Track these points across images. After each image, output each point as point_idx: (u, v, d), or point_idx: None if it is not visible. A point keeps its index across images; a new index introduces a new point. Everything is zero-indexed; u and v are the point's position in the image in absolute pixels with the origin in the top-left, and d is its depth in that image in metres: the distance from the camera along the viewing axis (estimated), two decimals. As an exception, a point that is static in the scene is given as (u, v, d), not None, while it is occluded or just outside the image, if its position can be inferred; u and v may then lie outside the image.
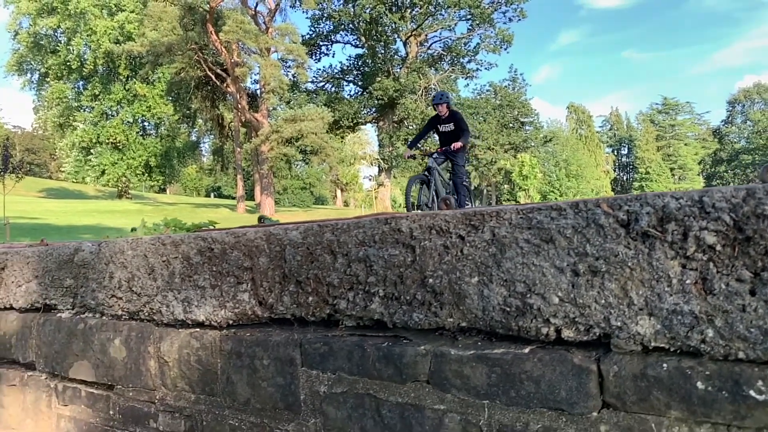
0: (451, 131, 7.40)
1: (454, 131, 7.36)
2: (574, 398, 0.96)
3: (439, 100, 7.38)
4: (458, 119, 7.42)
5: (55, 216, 26.23)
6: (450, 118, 7.36)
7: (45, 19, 44.46)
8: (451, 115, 7.37)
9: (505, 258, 1.03)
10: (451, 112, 7.39)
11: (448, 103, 7.39)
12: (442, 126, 7.46)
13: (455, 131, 7.35)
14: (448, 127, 7.40)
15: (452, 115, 7.40)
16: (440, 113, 7.34)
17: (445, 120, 7.39)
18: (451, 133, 7.41)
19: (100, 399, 1.78)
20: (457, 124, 7.36)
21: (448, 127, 7.40)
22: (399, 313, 1.16)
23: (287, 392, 1.32)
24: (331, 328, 1.32)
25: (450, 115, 7.36)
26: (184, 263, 1.53)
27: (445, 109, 7.32)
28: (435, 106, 7.43)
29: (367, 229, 1.21)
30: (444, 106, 7.30)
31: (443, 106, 7.30)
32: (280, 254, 1.34)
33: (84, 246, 1.83)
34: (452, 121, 7.37)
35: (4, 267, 2.11)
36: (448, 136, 7.46)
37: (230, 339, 1.43)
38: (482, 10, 33.93)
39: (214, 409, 1.48)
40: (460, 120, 7.49)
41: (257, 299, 1.40)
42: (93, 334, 1.77)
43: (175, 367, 1.54)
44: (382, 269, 1.18)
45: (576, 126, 64.17)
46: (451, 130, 7.40)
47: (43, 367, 1.95)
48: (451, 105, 7.49)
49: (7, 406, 2.10)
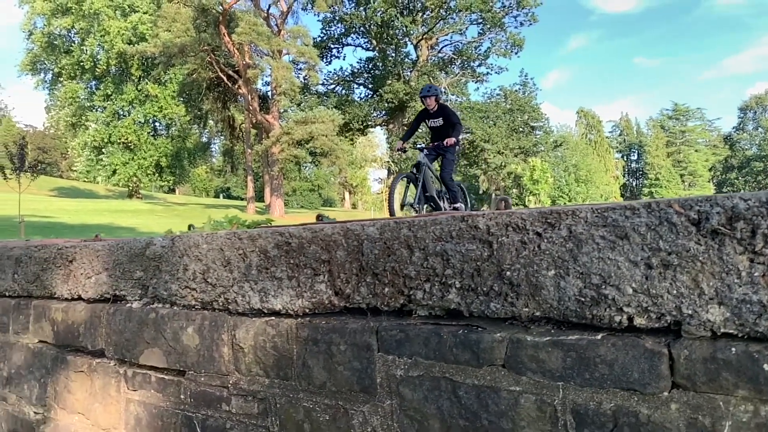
0: (441, 126, 7.11)
1: (444, 126, 7.07)
2: (646, 379, 1.07)
3: (427, 93, 7.03)
4: (447, 113, 7.14)
5: (68, 215, 26.49)
6: (439, 112, 7.06)
7: (59, 20, 44.94)
8: (440, 109, 7.06)
9: (582, 253, 1.13)
10: (440, 106, 7.08)
11: (436, 96, 7.04)
12: (431, 120, 7.17)
13: (445, 126, 7.06)
14: (437, 122, 7.11)
15: (441, 109, 7.09)
16: (428, 107, 7.02)
17: (433, 114, 7.09)
18: (440, 128, 7.13)
19: (170, 384, 1.89)
20: (446, 118, 7.06)
21: (437, 122, 7.11)
22: (476, 303, 1.27)
23: (364, 375, 1.43)
24: (403, 317, 1.43)
25: (439, 109, 7.06)
26: (261, 256, 1.64)
27: (434, 102, 6.98)
28: (422, 99, 7.08)
29: (444, 226, 1.32)
30: (432, 99, 6.96)
31: (431, 99, 6.96)
32: (357, 248, 1.46)
33: (155, 240, 1.95)
34: (441, 116, 7.07)
35: (72, 259, 2.23)
36: (438, 131, 7.17)
37: (306, 326, 1.55)
38: (493, 15, 34.07)
39: (288, 392, 1.59)
40: (450, 114, 7.20)
41: (334, 289, 1.51)
42: (165, 323, 1.88)
43: (250, 353, 1.66)
44: (459, 263, 1.29)
45: (585, 131, 64.10)
46: (440, 125, 7.11)
47: (113, 354, 2.07)
48: (440, 98, 7.16)
49: (74, 391, 2.22)
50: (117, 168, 46.52)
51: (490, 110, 33.60)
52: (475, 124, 32.59)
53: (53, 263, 2.33)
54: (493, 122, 32.88)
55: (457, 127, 6.99)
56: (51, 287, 2.34)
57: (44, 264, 2.37)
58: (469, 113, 33.57)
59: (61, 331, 2.29)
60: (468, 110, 34.16)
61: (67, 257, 2.25)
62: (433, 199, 7.00)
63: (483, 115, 33.43)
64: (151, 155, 46.72)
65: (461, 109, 35.06)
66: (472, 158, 34.87)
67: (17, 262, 2.51)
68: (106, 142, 46.90)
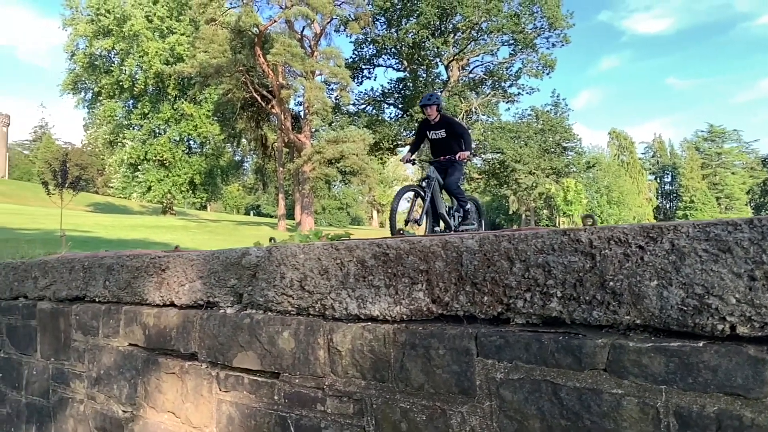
0: (443, 139, 6.46)
1: (447, 138, 6.43)
2: (749, 384, 1.15)
3: (428, 101, 6.39)
4: (451, 124, 6.54)
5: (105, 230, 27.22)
6: (441, 123, 6.43)
7: (101, 41, 46.65)
8: (442, 120, 6.44)
9: (684, 265, 1.23)
10: (442, 117, 6.44)
11: (438, 105, 6.40)
12: (432, 132, 6.52)
13: (447, 138, 6.43)
14: (440, 134, 6.46)
15: (443, 119, 6.46)
16: (429, 116, 6.40)
17: (435, 125, 6.46)
18: (442, 141, 6.48)
19: (264, 386, 2.02)
20: (450, 129, 6.44)
21: (440, 134, 6.46)
22: (578, 311, 1.37)
23: (463, 378, 1.54)
24: (500, 325, 1.53)
25: (441, 120, 6.43)
26: (359, 265, 1.77)
27: (435, 112, 6.35)
28: (423, 108, 6.45)
29: (546, 239, 1.42)
30: (433, 109, 6.33)
31: (432, 108, 6.33)
32: (456, 259, 1.57)
33: (251, 251, 2.10)
34: (443, 127, 6.43)
35: (166, 268, 2.39)
36: (440, 145, 6.53)
37: (404, 332, 1.66)
38: (525, 36, 34.19)
39: (384, 394, 1.70)
40: (454, 124, 6.61)
41: (431, 297, 1.62)
42: (261, 327, 2.02)
43: (347, 356, 1.78)
44: (561, 273, 1.39)
45: (618, 152, 63.41)
46: (442, 138, 6.46)
47: (205, 357, 2.21)
48: (441, 108, 6.50)
49: (165, 391, 2.37)
50: (152, 185, 47.72)
51: (521, 130, 33.57)
52: (506, 144, 32.57)
53: (145, 271, 2.49)
54: (524, 142, 32.82)
55: (465, 138, 6.41)
56: (142, 294, 2.50)
57: (136, 272, 2.54)
58: (500, 133, 33.58)
59: (152, 335, 2.44)
60: (499, 130, 34.18)
61: (160, 266, 2.42)
62: (443, 218, 6.43)
63: (514, 135, 33.42)
64: (185, 172, 47.83)
65: (491, 129, 35.11)
66: (502, 178, 34.80)
67: (109, 270, 2.68)
68: (142, 159, 48.21)
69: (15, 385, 3.35)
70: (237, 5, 34.16)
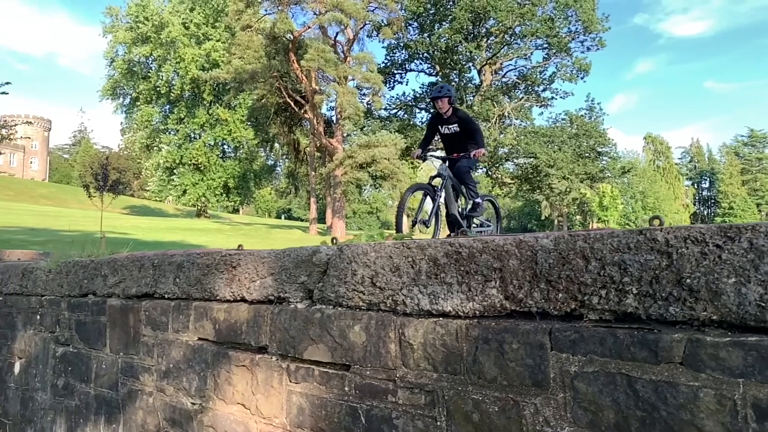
0: (456, 134, 6.11)
1: (460, 134, 6.09)
2: (829, 377, 1.19)
3: (438, 93, 6.03)
4: (465, 119, 6.16)
5: (142, 232, 27.97)
6: (454, 117, 6.06)
7: (139, 48, 47.99)
8: (454, 114, 6.07)
9: (763, 263, 1.28)
10: (454, 110, 6.08)
11: (450, 97, 6.00)
12: (445, 127, 6.16)
13: (461, 134, 6.08)
14: (453, 129, 6.10)
15: (456, 113, 6.09)
16: (440, 110, 6.06)
17: (447, 119, 6.08)
18: (455, 135, 6.13)
19: (334, 377, 2.12)
20: (463, 124, 6.08)
21: (453, 129, 6.10)
22: (654, 307, 1.43)
23: (536, 371, 1.60)
24: (572, 321, 1.60)
25: (453, 114, 6.06)
26: (431, 263, 1.86)
27: (447, 104, 5.99)
28: (434, 101, 6.12)
29: (621, 239, 1.48)
30: (445, 101, 5.97)
31: (443, 100, 5.97)
32: (531, 258, 1.64)
33: (321, 249, 2.21)
34: (457, 122, 6.06)
35: (237, 265, 2.52)
36: (453, 140, 6.17)
37: (477, 327, 1.74)
38: (560, 39, 33.94)
39: (456, 386, 1.78)
40: (468, 120, 6.22)
41: (504, 294, 1.70)
42: (331, 321, 2.12)
43: (419, 350, 1.86)
44: (637, 271, 1.45)
45: (653, 157, 62.20)
46: (455, 132, 6.11)
47: (276, 350, 2.33)
48: (453, 100, 6.10)
49: (235, 383, 2.49)
50: (187, 188, 48.74)
51: (555, 135, 33.27)
52: (539, 149, 32.32)
53: (215, 268, 2.62)
54: (558, 147, 32.51)
55: (479, 135, 6.07)
56: (212, 290, 2.64)
57: (206, 269, 2.68)
58: (534, 138, 33.35)
59: (222, 329, 2.57)
60: (532, 135, 33.95)
61: (231, 263, 2.54)
62: (456, 220, 6.09)
63: (548, 139, 33.13)
64: (219, 176, 48.74)
65: (524, 134, 34.88)
66: (535, 183, 34.52)
67: (179, 268, 2.83)
68: (177, 163, 49.33)
69: (84, 378, 3.53)
70: (272, 12, 34.77)
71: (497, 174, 37.06)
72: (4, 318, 4.43)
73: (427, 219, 5.85)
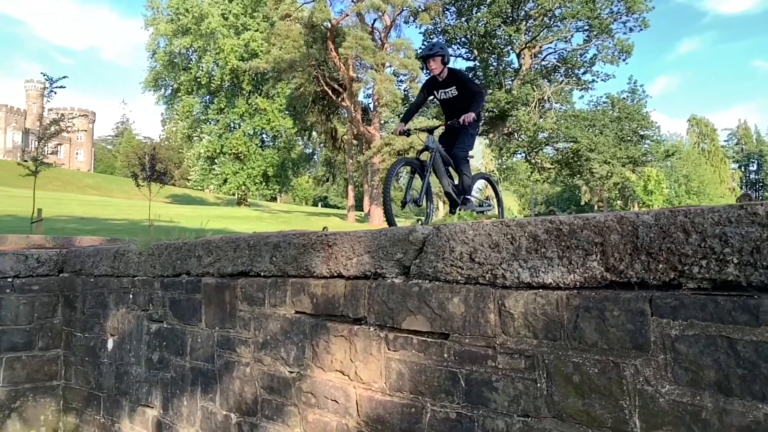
0: (454, 98, 5.38)
1: (459, 97, 5.35)
2: None
3: (428, 52, 5.30)
4: (462, 79, 5.47)
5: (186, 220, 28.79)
6: (450, 79, 5.34)
7: (180, 39, 48.90)
8: (450, 76, 5.35)
9: None
10: (450, 71, 5.36)
11: (443, 57, 5.24)
12: (441, 92, 5.42)
13: (460, 97, 5.34)
14: (450, 93, 5.38)
15: (452, 74, 5.38)
16: (433, 71, 5.33)
17: (443, 83, 5.36)
18: (454, 100, 5.39)
19: (433, 345, 2.31)
20: (461, 86, 5.37)
21: (450, 93, 5.38)
22: (755, 275, 1.56)
23: (637, 335, 1.76)
24: (671, 289, 1.74)
25: (449, 76, 5.34)
26: (531, 240, 2.02)
27: (440, 65, 5.24)
28: (424, 60, 5.47)
29: (722, 213, 1.62)
30: (437, 61, 5.21)
31: (436, 60, 5.21)
32: (632, 232, 1.79)
33: (417, 228, 2.39)
34: (454, 84, 5.34)
35: (333, 244, 2.73)
36: (451, 105, 5.42)
37: (577, 297, 1.90)
38: (601, 21, 33.19)
39: (556, 351, 1.94)
40: (467, 80, 5.56)
41: (605, 266, 1.85)
42: (430, 294, 2.31)
43: (520, 319, 2.03)
44: (738, 242, 1.59)
45: (698, 140, 60.40)
46: (453, 97, 5.38)
47: (374, 321, 2.53)
48: (448, 60, 5.35)
49: (334, 352, 2.71)
50: (228, 177, 49.70)
51: (596, 119, 32.68)
52: (580, 133, 31.83)
53: (312, 248, 2.84)
54: (599, 131, 31.95)
55: (477, 98, 5.33)
56: (309, 267, 2.86)
57: (302, 248, 2.90)
58: (574, 122, 32.84)
59: (320, 303, 2.79)
60: (572, 119, 33.43)
61: (327, 243, 2.76)
62: (449, 197, 5.48)
63: (589, 123, 32.58)
64: (259, 165, 49.52)
65: (565, 118, 34.36)
66: (575, 168, 34.04)
67: (275, 248, 3.06)
68: (218, 152, 50.31)
69: (179, 352, 3.82)
70: (310, 1, 34.98)
71: (536, 159, 36.65)
72: (96, 298, 4.79)
73: (418, 197, 5.23)
